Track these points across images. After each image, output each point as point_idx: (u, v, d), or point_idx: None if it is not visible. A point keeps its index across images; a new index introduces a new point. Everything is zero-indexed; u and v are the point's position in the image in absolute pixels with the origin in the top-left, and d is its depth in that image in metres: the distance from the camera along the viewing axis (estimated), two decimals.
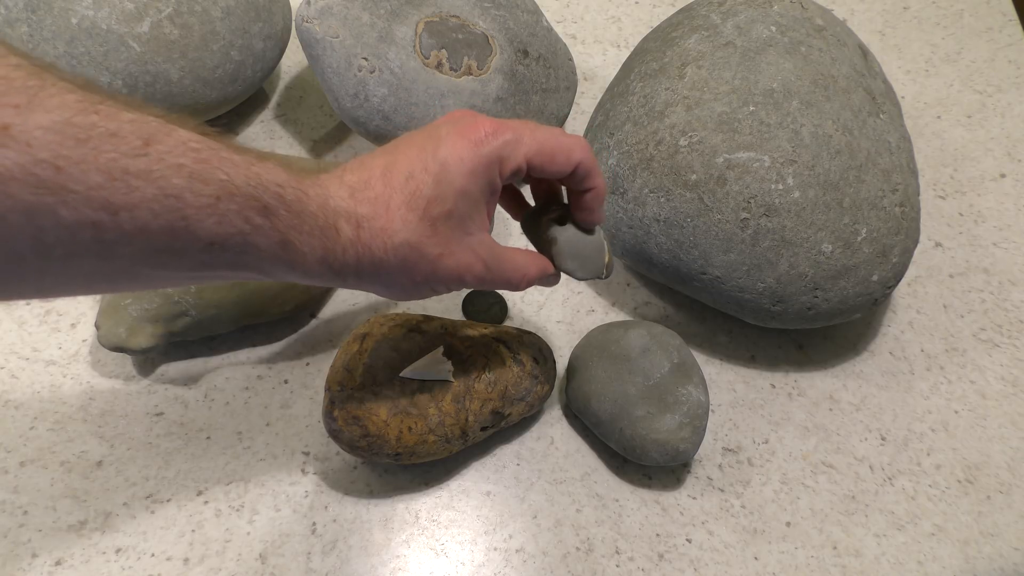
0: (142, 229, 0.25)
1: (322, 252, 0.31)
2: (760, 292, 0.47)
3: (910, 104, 0.68)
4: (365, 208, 0.32)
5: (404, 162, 0.33)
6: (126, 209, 0.24)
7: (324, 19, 0.49)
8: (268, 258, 0.30)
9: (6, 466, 0.45)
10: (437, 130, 0.34)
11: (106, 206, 0.24)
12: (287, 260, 0.30)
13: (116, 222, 0.24)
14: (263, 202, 0.28)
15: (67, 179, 0.22)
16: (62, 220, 0.23)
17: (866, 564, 0.45)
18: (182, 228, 0.26)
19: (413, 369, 0.42)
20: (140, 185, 0.24)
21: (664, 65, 0.49)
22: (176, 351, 0.50)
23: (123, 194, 0.24)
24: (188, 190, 0.25)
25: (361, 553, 0.44)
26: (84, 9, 0.48)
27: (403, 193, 0.33)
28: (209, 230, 0.27)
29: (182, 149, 0.26)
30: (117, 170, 0.24)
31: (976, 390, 0.53)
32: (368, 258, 0.33)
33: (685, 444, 0.44)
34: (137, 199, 0.24)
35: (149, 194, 0.24)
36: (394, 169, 0.33)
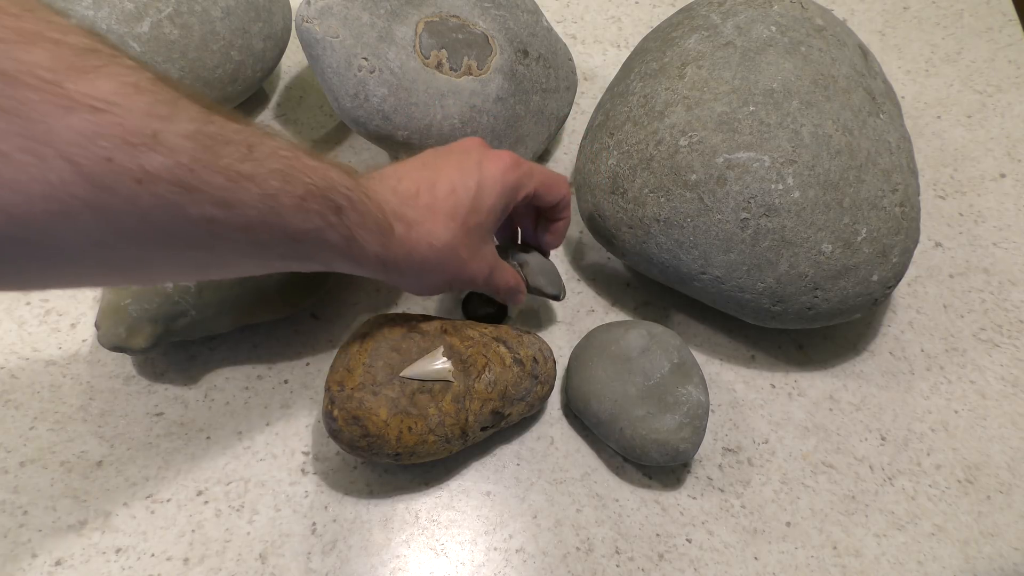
0: (245, 224, 0.29)
1: (378, 247, 0.36)
2: (760, 292, 0.47)
3: (910, 104, 0.68)
4: (416, 213, 0.38)
5: (446, 178, 0.40)
6: (237, 206, 0.28)
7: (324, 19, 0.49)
8: (335, 250, 0.34)
9: (6, 466, 0.45)
10: (469, 154, 0.42)
11: (222, 203, 0.27)
12: (350, 253, 0.35)
13: (227, 217, 0.28)
14: (336, 203, 0.33)
15: (197, 180, 0.26)
16: (189, 216, 0.26)
17: (866, 564, 0.45)
18: (276, 223, 0.30)
19: (413, 369, 0.42)
20: (248, 186, 0.28)
21: (664, 65, 0.49)
22: (176, 351, 0.50)
23: (235, 193, 0.28)
24: (282, 191, 0.30)
25: (361, 553, 0.44)
26: (84, 9, 0.48)
27: (447, 204, 0.39)
28: (295, 226, 0.31)
29: (276, 155, 0.30)
30: (232, 172, 0.27)
31: (976, 390, 0.53)
32: (414, 254, 0.38)
33: (685, 444, 0.44)
34: (245, 197, 0.28)
35: (254, 193, 0.28)
36: (438, 183, 0.39)
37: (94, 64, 0.23)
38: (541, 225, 0.49)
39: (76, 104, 0.22)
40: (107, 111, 0.23)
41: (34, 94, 0.21)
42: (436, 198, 0.39)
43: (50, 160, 0.22)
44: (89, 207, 0.23)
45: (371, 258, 0.36)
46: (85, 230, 0.24)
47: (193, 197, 0.26)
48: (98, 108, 0.23)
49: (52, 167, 0.22)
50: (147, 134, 0.24)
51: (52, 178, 0.22)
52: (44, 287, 0.28)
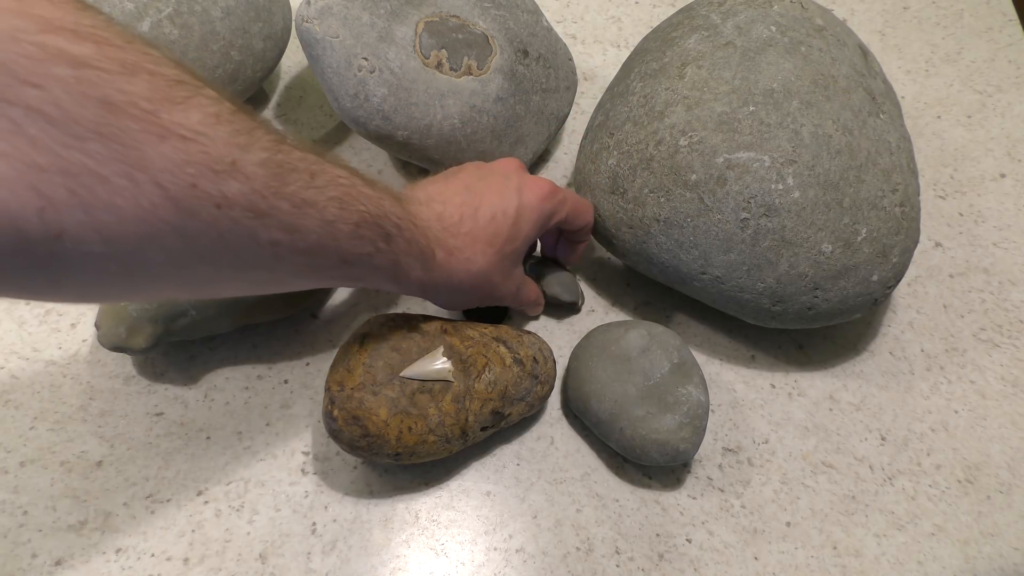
0: (306, 248, 0.31)
1: (420, 271, 0.38)
2: (760, 292, 0.47)
3: (910, 104, 0.68)
4: (458, 241, 0.40)
5: (488, 205, 0.42)
6: (300, 231, 0.30)
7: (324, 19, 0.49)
8: (381, 274, 0.37)
9: (6, 466, 0.45)
10: (510, 179, 0.44)
11: (288, 228, 0.29)
12: (394, 277, 0.37)
13: (291, 241, 0.30)
14: (387, 230, 0.35)
15: (267, 205, 0.28)
16: (259, 239, 0.28)
17: (866, 564, 0.45)
18: (332, 247, 0.32)
19: (413, 369, 0.42)
20: (310, 212, 0.30)
21: (664, 65, 0.49)
22: (176, 351, 0.50)
23: (298, 219, 0.29)
24: (340, 218, 0.31)
25: (361, 553, 0.44)
26: None
27: (487, 231, 0.41)
28: (348, 250, 0.33)
29: (335, 183, 0.31)
30: (297, 199, 0.29)
31: (976, 390, 0.53)
32: (453, 279, 0.41)
33: (685, 444, 0.44)
34: (308, 223, 0.30)
35: (315, 220, 0.30)
36: (480, 210, 0.41)
37: (184, 95, 0.25)
38: (562, 243, 0.52)
39: (169, 133, 0.24)
40: (194, 140, 0.25)
41: (134, 123, 0.23)
42: (477, 225, 0.41)
43: (143, 185, 0.23)
44: (174, 230, 0.25)
45: (413, 281, 0.39)
46: (169, 250, 0.26)
47: (263, 222, 0.28)
48: (187, 137, 0.24)
49: (144, 191, 0.24)
50: (227, 162, 0.26)
51: (144, 202, 0.24)
52: (121, 300, 0.30)
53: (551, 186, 0.45)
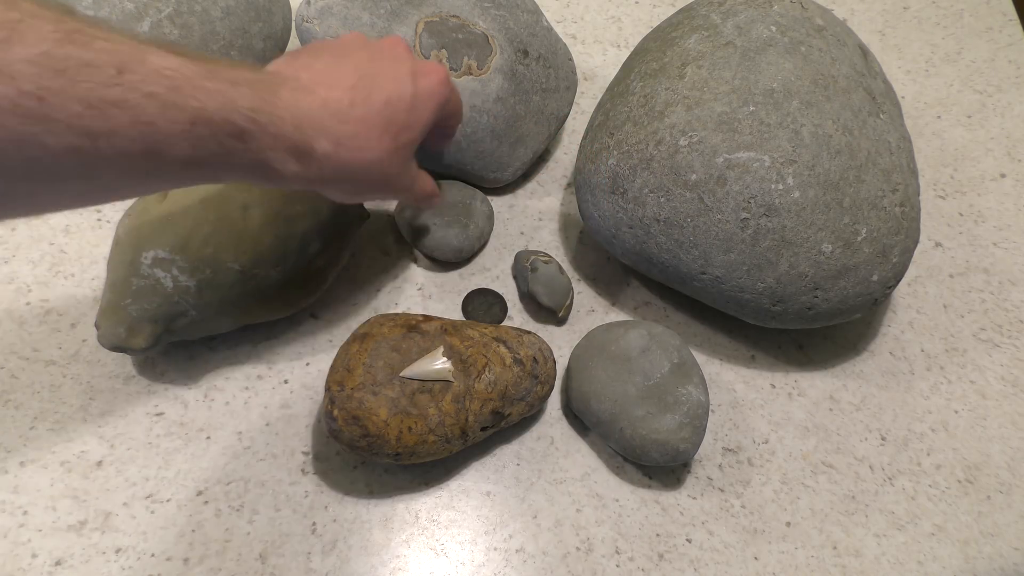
0: (120, 153, 0.27)
1: (296, 167, 0.34)
2: (760, 292, 0.47)
3: (910, 104, 0.68)
4: (348, 128, 0.36)
5: (381, 89, 0.37)
6: (104, 136, 0.26)
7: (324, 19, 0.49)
8: (245, 175, 0.33)
9: (6, 466, 0.45)
10: (402, 63, 0.39)
11: (86, 133, 0.25)
12: (263, 175, 0.33)
13: (96, 147, 0.26)
14: (238, 126, 0.30)
15: (49, 109, 0.24)
16: (48, 147, 0.25)
17: (866, 564, 0.45)
18: (157, 152, 0.28)
19: (413, 369, 0.42)
20: (116, 113, 0.26)
21: (664, 65, 0.49)
22: (176, 351, 0.50)
23: (101, 122, 0.25)
24: (161, 117, 0.27)
25: (361, 553, 0.44)
26: (84, 9, 0.48)
27: (382, 117, 0.37)
28: (185, 153, 0.29)
29: (155, 77, 0.27)
30: (94, 99, 0.25)
31: (976, 390, 0.53)
32: (342, 170, 0.36)
33: (685, 444, 0.44)
34: (114, 126, 0.26)
35: (125, 121, 0.26)
36: (373, 94, 0.37)
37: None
38: (436, 132, 0.46)
39: None
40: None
41: None
42: (371, 111, 0.37)
43: None
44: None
45: (290, 178, 0.35)
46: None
47: (48, 127, 0.24)
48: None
49: None
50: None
51: None
52: None
53: (445, 74, 0.42)
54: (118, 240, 0.45)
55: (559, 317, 0.53)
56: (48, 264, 0.52)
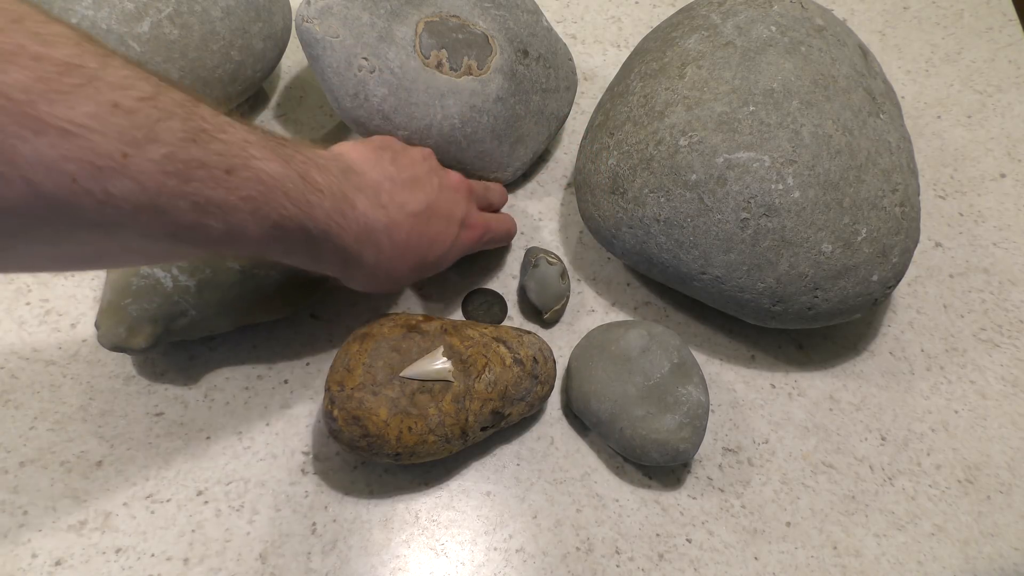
0: (206, 241, 0.29)
1: (340, 271, 0.39)
2: (760, 292, 0.47)
3: (910, 104, 0.68)
4: (395, 252, 0.41)
5: (434, 227, 0.44)
6: (199, 229, 0.28)
7: (324, 19, 0.49)
8: (295, 262, 0.36)
9: (6, 466, 0.45)
10: (458, 206, 0.46)
11: (185, 226, 0.28)
12: (310, 266, 0.37)
13: (190, 236, 0.29)
14: (311, 235, 0.34)
15: (163, 202, 0.26)
16: (151, 234, 0.27)
17: (866, 564, 0.45)
18: (234, 239, 0.31)
19: (413, 369, 0.42)
20: (214, 210, 0.28)
21: (664, 65, 0.49)
22: (176, 351, 0.50)
23: (200, 218, 0.28)
24: (250, 219, 0.30)
25: (361, 553, 0.44)
26: (84, 9, 0.48)
27: (418, 255, 0.44)
28: (256, 241, 0.32)
29: (254, 184, 0.30)
30: (201, 198, 0.27)
31: (976, 390, 0.53)
32: (369, 281, 0.42)
33: (685, 444, 0.44)
34: (209, 221, 0.28)
35: (219, 218, 0.29)
36: (427, 229, 0.43)
37: (75, 83, 0.23)
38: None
39: (46, 127, 0.22)
40: (77, 135, 0.23)
41: (4, 117, 0.22)
42: (417, 246, 0.43)
43: (11, 180, 0.22)
44: (44, 222, 0.24)
45: (328, 272, 0.39)
46: (41, 237, 0.25)
47: (157, 218, 0.26)
48: (69, 131, 0.23)
49: (14, 186, 0.22)
50: (115, 158, 0.24)
51: (10, 194, 0.23)
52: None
53: (486, 226, 0.48)
54: None
55: (544, 319, 0.53)
56: None
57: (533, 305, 0.52)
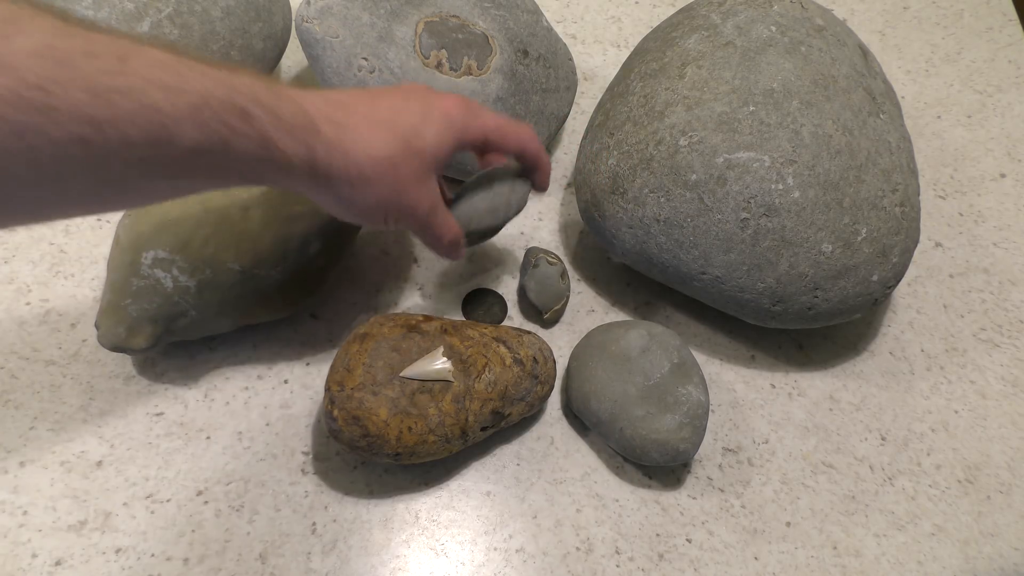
0: (126, 141, 0.26)
1: (303, 148, 0.32)
2: (760, 292, 0.47)
3: (910, 104, 0.68)
4: (351, 119, 0.34)
5: (388, 99, 0.36)
6: (110, 123, 0.26)
7: (324, 19, 0.49)
8: (251, 159, 0.31)
9: (6, 466, 0.45)
10: (416, 90, 0.39)
11: (91, 121, 0.25)
12: (269, 159, 0.32)
13: (103, 136, 0.26)
14: (240, 106, 0.30)
15: (54, 99, 0.24)
16: (53, 138, 0.24)
17: (866, 564, 0.45)
18: (164, 137, 0.27)
19: (413, 369, 0.42)
20: (120, 100, 0.26)
21: (664, 65, 0.49)
22: (176, 351, 0.50)
23: (106, 109, 0.25)
24: (166, 101, 0.27)
25: (361, 553, 0.44)
26: (84, 9, 0.48)
27: (386, 116, 0.36)
28: (190, 137, 0.28)
29: (157, 65, 0.27)
30: (99, 87, 0.25)
31: (976, 390, 0.53)
32: (349, 160, 0.34)
33: (685, 444, 0.44)
34: (119, 113, 0.26)
35: (130, 107, 0.26)
36: (379, 101, 0.36)
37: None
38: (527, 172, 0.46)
39: None
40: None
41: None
42: (375, 110, 0.35)
43: None
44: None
45: (296, 163, 0.33)
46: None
47: (52, 118, 0.24)
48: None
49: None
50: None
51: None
52: None
53: (464, 99, 0.40)
54: (118, 240, 0.45)
55: (544, 319, 0.53)
56: (48, 264, 0.52)
57: (533, 305, 0.52)
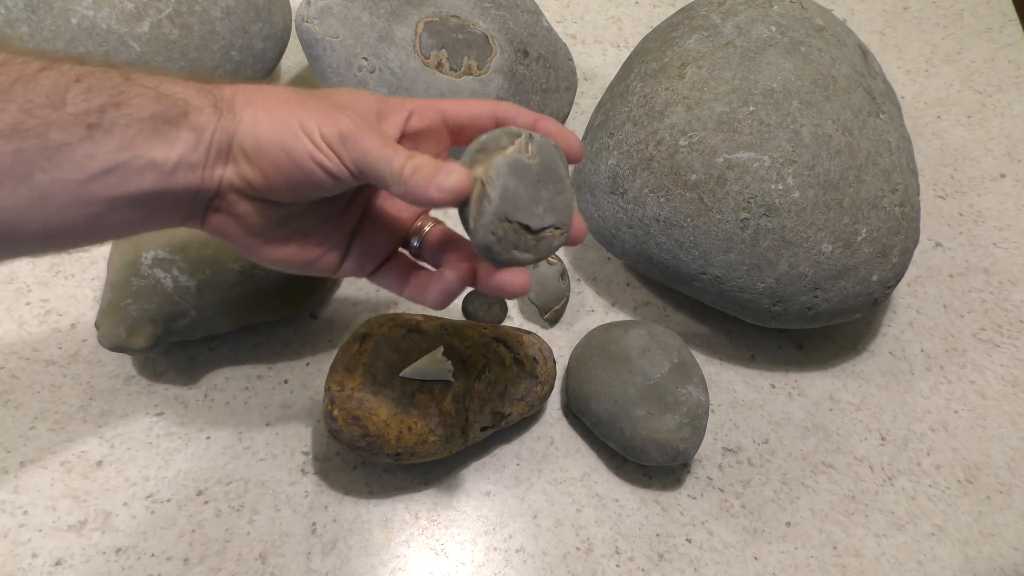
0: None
1: (212, 118, 0.28)
2: (760, 292, 0.47)
3: (910, 104, 0.68)
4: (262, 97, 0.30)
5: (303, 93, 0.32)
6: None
7: (324, 19, 0.49)
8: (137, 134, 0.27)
9: (6, 466, 0.45)
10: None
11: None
12: (167, 119, 0.27)
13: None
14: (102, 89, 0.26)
15: None
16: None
17: (866, 564, 0.45)
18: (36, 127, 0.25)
19: (413, 369, 0.42)
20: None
21: (664, 65, 0.49)
22: (176, 351, 0.50)
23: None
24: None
25: (361, 553, 0.44)
26: (84, 9, 0.48)
27: (301, 94, 0.31)
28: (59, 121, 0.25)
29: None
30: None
31: (976, 390, 0.53)
32: (259, 102, 0.29)
33: (685, 444, 0.44)
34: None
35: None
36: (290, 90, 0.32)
37: None
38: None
39: None
40: None
41: None
42: (292, 93, 0.31)
43: None
44: None
45: (207, 129, 0.28)
46: None
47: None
48: None
49: None
50: None
51: None
52: None
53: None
54: (118, 240, 0.45)
55: (544, 319, 0.53)
56: (48, 264, 0.52)
57: (533, 305, 0.52)
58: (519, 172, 0.29)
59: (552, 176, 0.30)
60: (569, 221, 0.32)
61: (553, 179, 0.30)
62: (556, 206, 0.31)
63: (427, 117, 0.33)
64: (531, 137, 0.30)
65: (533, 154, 0.30)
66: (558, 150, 0.31)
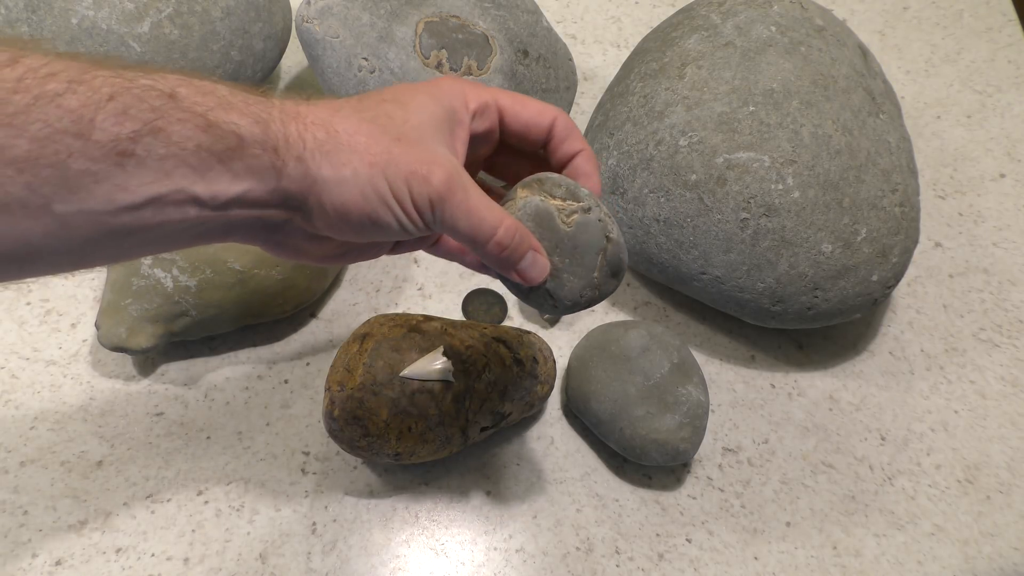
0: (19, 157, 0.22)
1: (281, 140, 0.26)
2: (760, 292, 0.47)
3: (910, 104, 0.68)
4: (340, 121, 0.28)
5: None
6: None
7: (324, 19, 0.49)
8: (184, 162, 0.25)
9: (6, 466, 0.45)
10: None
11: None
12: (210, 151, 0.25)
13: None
14: (153, 104, 0.24)
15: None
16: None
17: (866, 564, 0.45)
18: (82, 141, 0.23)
19: (413, 369, 0.42)
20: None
21: (664, 65, 0.49)
22: (176, 351, 0.50)
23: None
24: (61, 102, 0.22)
25: (361, 553, 0.44)
26: (84, 9, 0.48)
27: (375, 114, 0.29)
28: (113, 133, 0.23)
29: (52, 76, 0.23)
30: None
31: (976, 390, 0.53)
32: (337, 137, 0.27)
33: (685, 444, 0.44)
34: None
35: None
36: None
37: None
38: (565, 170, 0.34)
39: None
40: None
41: None
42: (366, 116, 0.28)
43: None
44: None
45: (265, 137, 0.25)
46: None
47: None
48: None
49: None
50: None
51: None
52: None
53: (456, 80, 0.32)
54: None
55: (544, 318, 0.53)
56: None
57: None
58: (542, 222, 0.31)
59: (575, 254, 0.31)
60: (569, 305, 0.32)
61: (575, 257, 0.31)
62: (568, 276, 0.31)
63: (487, 119, 0.33)
64: (587, 210, 0.30)
65: (571, 223, 0.30)
66: (612, 244, 0.31)
